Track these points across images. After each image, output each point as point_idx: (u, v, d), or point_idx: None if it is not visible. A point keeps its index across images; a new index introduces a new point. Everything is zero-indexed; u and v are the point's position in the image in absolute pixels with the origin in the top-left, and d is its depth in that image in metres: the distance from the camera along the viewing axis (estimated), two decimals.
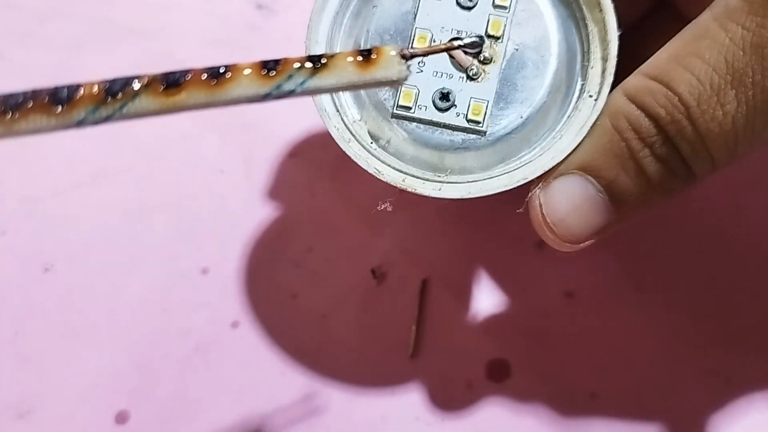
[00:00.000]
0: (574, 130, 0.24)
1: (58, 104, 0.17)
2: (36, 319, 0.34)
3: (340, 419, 0.32)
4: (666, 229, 0.34)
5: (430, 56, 0.25)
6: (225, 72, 0.18)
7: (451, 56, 0.25)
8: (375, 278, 0.34)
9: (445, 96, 0.25)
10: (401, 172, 0.25)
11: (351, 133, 0.26)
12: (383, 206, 0.26)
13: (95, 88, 0.17)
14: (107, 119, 0.18)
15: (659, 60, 0.23)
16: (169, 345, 0.33)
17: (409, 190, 0.25)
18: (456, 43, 0.24)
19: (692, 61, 0.22)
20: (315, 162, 0.36)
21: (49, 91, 0.17)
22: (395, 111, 0.25)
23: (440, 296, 0.33)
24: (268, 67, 0.19)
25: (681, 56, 0.23)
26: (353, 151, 0.25)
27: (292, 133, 0.37)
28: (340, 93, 0.26)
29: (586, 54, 0.25)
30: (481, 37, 0.25)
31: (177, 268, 0.35)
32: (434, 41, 0.25)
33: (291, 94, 0.19)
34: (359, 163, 0.25)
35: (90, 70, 0.39)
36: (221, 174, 0.37)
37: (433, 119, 0.25)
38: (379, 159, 0.25)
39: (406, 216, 0.35)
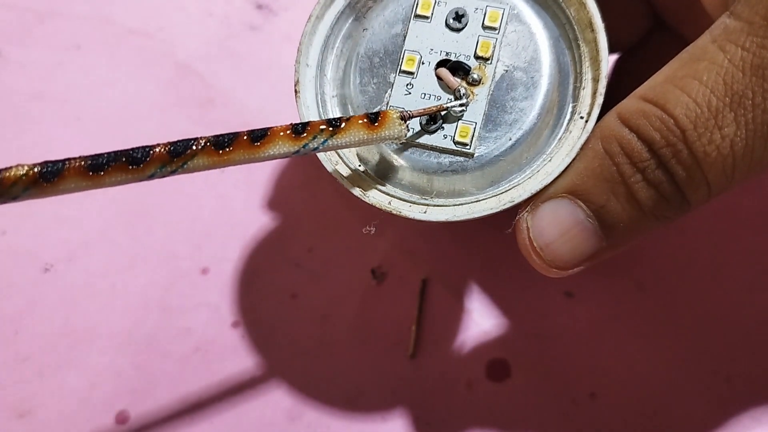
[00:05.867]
0: (564, 152, 0.24)
1: (134, 164, 0.20)
2: (36, 319, 0.34)
3: (341, 419, 0.32)
4: (666, 228, 0.34)
5: (418, 77, 0.25)
6: (263, 135, 0.22)
7: (438, 77, 0.25)
8: (375, 278, 0.34)
9: (433, 118, 0.25)
10: (387, 194, 0.25)
11: (339, 155, 0.26)
12: (368, 230, 0.27)
13: (162, 150, 0.21)
14: (172, 173, 0.21)
15: (655, 82, 0.23)
16: (169, 345, 0.33)
17: (395, 212, 0.25)
18: (446, 105, 0.24)
19: (689, 83, 0.22)
20: (315, 162, 0.36)
21: (127, 153, 0.20)
22: None
23: (440, 296, 0.33)
24: (297, 130, 0.22)
25: (678, 78, 0.22)
26: (340, 173, 0.25)
27: None
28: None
29: (578, 75, 0.25)
30: (465, 98, 0.25)
31: (177, 268, 0.35)
32: (423, 63, 0.25)
33: (315, 150, 0.22)
34: (345, 186, 0.25)
35: (90, 70, 0.39)
36: (221, 174, 0.37)
37: (421, 141, 0.25)
38: (365, 182, 0.25)
39: None
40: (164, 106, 0.38)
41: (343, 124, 0.23)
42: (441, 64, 0.25)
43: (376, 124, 0.23)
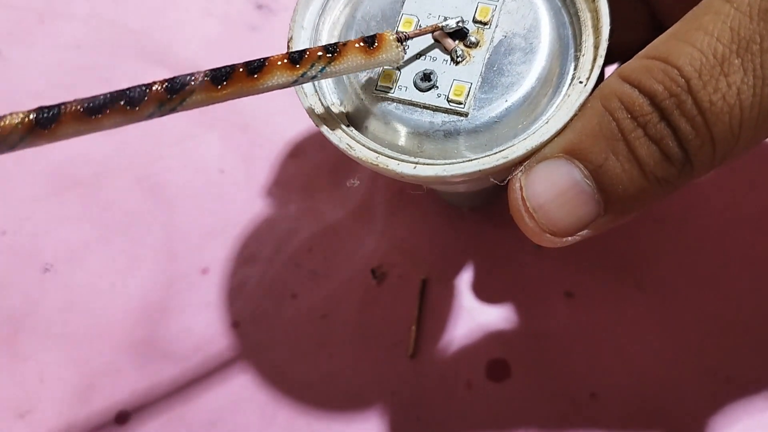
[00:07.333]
0: (561, 114, 0.23)
1: (131, 105, 0.20)
2: (36, 319, 0.34)
3: (340, 418, 0.32)
4: (666, 228, 0.34)
5: (414, 39, 0.25)
6: (261, 67, 0.22)
7: (435, 40, 0.25)
8: (375, 278, 0.34)
9: (426, 76, 0.24)
10: (375, 151, 0.24)
11: (329, 113, 0.25)
12: (352, 183, 0.26)
13: (159, 88, 0.20)
14: (171, 111, 0.21)
15: (659, 41, 0.22)
16: (169, 345, 0.33)
17: (381, 166, 0.24)
18: (440, 24, 0.24)
19: (694, 34, 0.21)
20: (315, 162, 0.36)
21: (123, 94, 0.20)
22: (374, 91, 0.25)
23: (440, 296, 0.33)
24: (294, 59, 0.22)
25: (682, 32, 0.21)
26: (326, 128, 0.25)
27: (291, 133, 0.37)
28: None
29: (578, 45, 0.25)
30: (464, 29, 0.25)
31: (177, 268, 0.35)
32: (420, 25, 0.25)
33: (314, 78, 0.23)
34: (331, 139, 0.24)
35: (90, 70, 0.39)
36: (221, 174, 0.37)
37: (413, 99, 0.24)
38: (353, 139, 0.25)
39: (406, 216, 0.35)
40: None
41: (340, 50, 0.23)
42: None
43: (373, 48, 0.23)
